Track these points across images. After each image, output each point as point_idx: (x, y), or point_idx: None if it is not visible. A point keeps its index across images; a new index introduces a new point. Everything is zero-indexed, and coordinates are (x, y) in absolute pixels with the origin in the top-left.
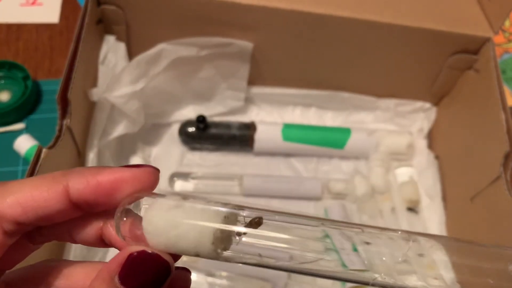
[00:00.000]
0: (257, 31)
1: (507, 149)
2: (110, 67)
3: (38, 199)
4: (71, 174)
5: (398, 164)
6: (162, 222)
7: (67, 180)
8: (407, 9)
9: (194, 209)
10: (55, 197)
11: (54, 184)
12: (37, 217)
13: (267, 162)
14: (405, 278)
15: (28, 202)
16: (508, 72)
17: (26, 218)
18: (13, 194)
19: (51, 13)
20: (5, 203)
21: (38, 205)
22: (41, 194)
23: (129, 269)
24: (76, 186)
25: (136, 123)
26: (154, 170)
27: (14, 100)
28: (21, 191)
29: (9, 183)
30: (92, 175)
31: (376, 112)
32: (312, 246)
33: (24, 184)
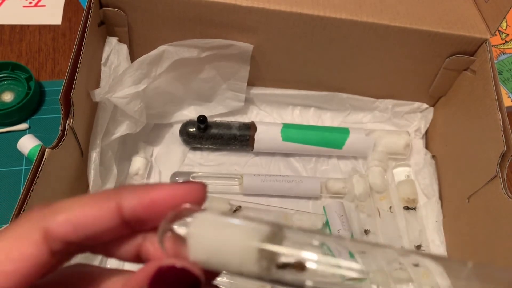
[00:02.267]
0: (257, 33)
1: (503, 149)
2: (113, 68)
3: (90, 217)
4: (123, 191)
5: (396, 164)
6: (207, 237)
7: (119, 197)
8: (404, 11)
9: (240, 227)
10: (108, 215)
11: (107, 201)
12: (86, 236)
13: (267, 162)
14: (401, 287)
15: (80, 220)
16: (505, 73)
17: (75, 237)
18: (65, 212)
19: (53, 15)
20: (56, 221)
21: (89, 223)
22: (93, 212)
23: (158, 281)
24: (129, 203)
25: (138, 124)
26: (204, 187)
27: (17, 100)
28: (72, 209)
29: (60, 202)
30: (145, 191)
31: (374, 112)
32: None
33: (74, 202)
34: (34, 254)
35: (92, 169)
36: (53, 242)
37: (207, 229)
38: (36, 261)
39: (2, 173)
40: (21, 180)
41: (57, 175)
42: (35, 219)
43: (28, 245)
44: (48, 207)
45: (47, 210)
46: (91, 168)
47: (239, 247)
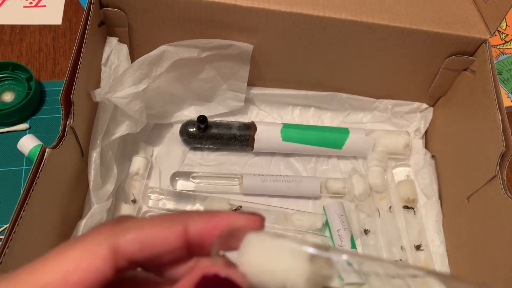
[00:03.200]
0: (257, 33)
1: (503, 149)
2: (113, 69)
3: (158, 237)
4: (190, 215)
5: (396, 164)
6: (260, 259)
7: (186, 220)
8: (404, 11)
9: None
10: (175, 236)
11: (175, 223)
12: (151, 256)
13: (267, 162)
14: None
15: (148, 239)
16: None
17: (141, 255)
18: (134, 231)
19: (54, 15)
20: (125, 239)
21: (156, 243)
22: (162, 232)
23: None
24: (196, 226)
25: (138, 124)
26: (263, 219)
27: (18, 100)
28: (142, 228)
29: (128, 220)
30: (210, 217)
31: (374, 112)
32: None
33: (144, 222)
34: (101, 268)
35: (92, 169)
36: (120, 260)
37: (259, 251)
38: (101, 275)
39: (3, 173)
40: (22, 180)
41: (58, 175)
42: (106, 235)
43: (96, 259)
44: (119, 224)
45: (118, 227)
46: (91, 168)
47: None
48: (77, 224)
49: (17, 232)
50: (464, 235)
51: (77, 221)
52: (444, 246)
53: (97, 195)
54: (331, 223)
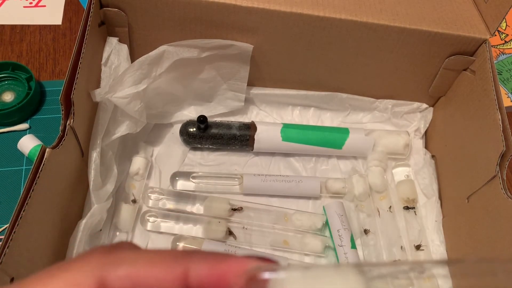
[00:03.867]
0: (257, 33)
1: (503, 149)
2: (113, 69)
3: (152, 279)
4: (193, 257)
5: (395, 164)
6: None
7: (188, 262)
8: (404, 11)
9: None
10: (172, 280)
11: (174, 264)
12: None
13: (267, 162)
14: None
15: (140, 279)
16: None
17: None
18: (126, 265)
19: (54, 15)
20: (115, 274)
21: (150, 284)
22: (157, 274)
23: None
24: (198, 271)
25: (138, 124)
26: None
27: (18, 100)
28: (135, 264)
29: (121, 251)
30: (217, 261)
31: (374, 112)
32: None
33: (138, 256)
34: None
35: (92, 169)
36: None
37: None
38: None
39: (3, 173)
40: (22, 180)
41: (58, 175)
42: (94, 265)
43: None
44: (111, 254)
45: (109, 257)
46: (91, 168)
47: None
48: (77, 224)
49: (17, 232)
50: (464, 235)
51: (77, 221)
52: (444, 246)
53: (97, 195)
54: (331, 223)
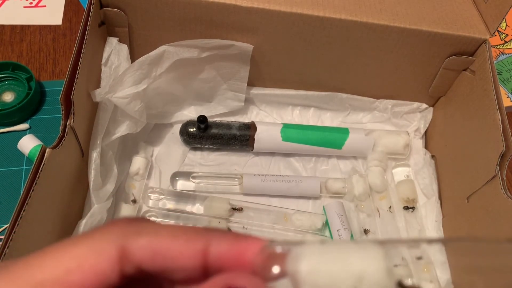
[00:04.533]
0: (257, 33)
1: (503, 149)
2: (113, 69)
3: (173, 251)
4: (214, 234)
5: (395, 164)
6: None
7: (209, 238)
8: (404, 11)
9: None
10: (192, 254)
11: (195, 238)
12: (162, 269)
13: (267, 162)
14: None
15: (161, 250)
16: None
17: (151, 266)
18: (149, 235)
19: (54, 15)
20: (138, 243)
21: (170, 256)
22: (179, 246)
23: None
24: (218, 247)
25: (139, 124)
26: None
27: (18, 100)
28: (157, 235)
29: (145, 222)
30: (237, 240)
31: (374, 112)
32: None
33: (161, 227)
34: (106, 271)
35: (92, 169)
36: (127, 264)
37: (318, 265)
38: (105, 279)
39: (3, 173)
40: (22, 180)
41: (58, 175)
42: (117, 234)
43: (102, 261)
44: (133, 225)
45: (132, 228)
46: (91, 168)
47: (371, 284)
48: (77, 224)
49: (17, 232)
50: (464, 235)
51: (77, 221)
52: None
53: (97, 195)
54: (331, 223)
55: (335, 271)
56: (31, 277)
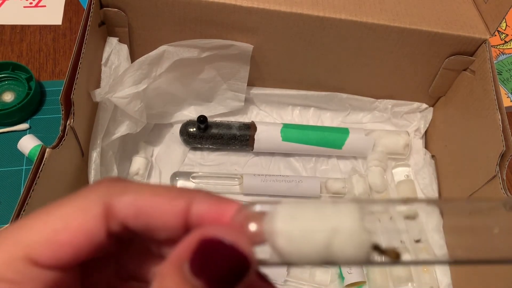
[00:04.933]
0: (257, 33)
1: (503, 149)
2: (113, 69)
3: (156, 208)
4: (198, 194)
5: (395, 164)
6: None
7: (191, 198)
8: (404, 11)
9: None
10: (174, 212)
11: (178, 197)
12: (145, 227)
13: (267, 162)
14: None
15: (145, 207)
16: (504, 73)
17: (134, 224)
18: (132, 193)
19: (54, 15)
20: (122, 200)
21: (153, 213)
22: (161, 204)
23: (201, 256)
24: (200, 208)
25: (139, 124)
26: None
27: (18, 100)
28: (141, 193)
29: (128, 181)
30: (218, 201)
31: (374, 112)
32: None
33: (144, 186)
34: (92, 229)
35: (92, 169)
36: (112, 222)
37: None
38: (92, 237)
39: (3, 173)
40: (22, 180)
41: (58, 175)
42: (102, 192)
43: (88, 219)
44: (117, 183)
45: (116, 185)
46: (91, 168)
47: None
48: None
49: None
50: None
51: None
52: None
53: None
54: None
55: (310, 224)
56: (20, 240)
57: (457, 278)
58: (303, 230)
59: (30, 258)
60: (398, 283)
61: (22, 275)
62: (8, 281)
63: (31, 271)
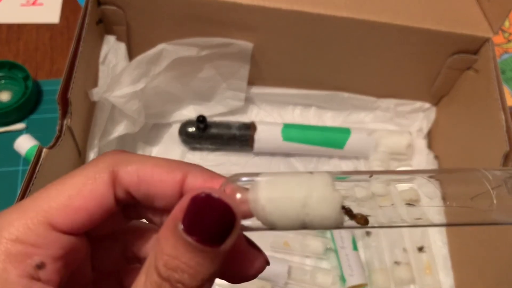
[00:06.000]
0: (257, 32)
1: (507, 149)
2: (111, 67)
3: (156, 177)
4: (193, 167)
5: (398, 164)
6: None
7: (188, 171)
8: (406, 10)
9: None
10: (171, 182)
11: (176, 169)
12: (146, 195)
13: (267, 162)
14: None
15: (146, 176)
16: (508, 72)
17: (137, 191)
18: (135, 163)
19: (51, 13)
20: (126, 169)
21: (153, 182)
22: (160, 174)
23: (192, 214)
24: (194, 181)
25: (137, 123)
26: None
27: (14, 100)
28: (143, 163)
29: (132, 153)
30: (211, 177)
31: (376, 112)
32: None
33: (146, 158)
34: (103, 194)
35: None
36: (118, 188)
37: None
38: (103, 201)
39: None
40: (18, 180)
41: (55, 175)
42: (109, 162)
43: (98, 185)
44: (123, 154)
45: (121, 156)
46: None
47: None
48: None
49: None
50: (467, 236)
51: None
52: (447, 247)
53: None
54: None
55: (289, 188)
56: (39, 207)
57: (460, 280)
58: (282, 193)
59: (50, 223)
60: (400, 285)
61: (43, 238)
62: (30, 245)
63: (50, 235)
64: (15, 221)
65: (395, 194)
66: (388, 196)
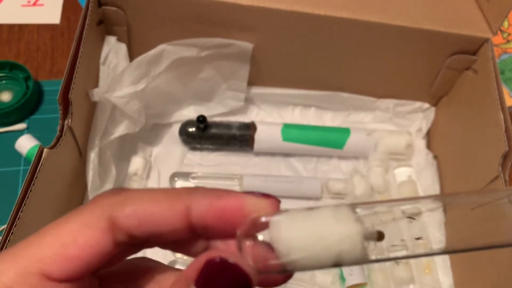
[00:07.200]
0: (257, 32)
1: (506, 149)
2: (111, 68)
3: (157, 216)
4: (195, 194)
5: (397, 164)
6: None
7: (190, 199)
8: (406, 10)
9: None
10: (175, 217)
11: (176, 202)
12: (150, 234)
13: (267, 162)
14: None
15: (146, 216)
16: (507, 73)
17: (139, 232)
18: (133, 204)
19: (52, 14)
20: (123, 213)
21: (155, 221)
22: (161, 211)
23: (206, 277)
24: (199, 208)
25: (137, 123)
26: (278, 202)
27: (15, 100)
28: (140, 202)
29: (129, 191)
30: (217, 198)
31: (375, 112)
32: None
33: (144, 195)
34: (99, 242)
35: (90, 169)
36: (118, 233)
37: (295, 228)
38: (100, 249)
39: (0, 173)
40: (19, 180)
41: (56, 175)
42: (105, 207)
43: (94, 232)
44: (118, 195)
45: (117, 198)
46: (89, 168)
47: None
48: None
49: (15, 233)
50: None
51: None
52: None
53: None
54: None
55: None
56: (31, 255)
57: (459, 280)
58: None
59: (44, 273)
60: (400, 284)
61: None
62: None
63: (45, 286)
64: (6, 270)
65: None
66: (388, 193)
